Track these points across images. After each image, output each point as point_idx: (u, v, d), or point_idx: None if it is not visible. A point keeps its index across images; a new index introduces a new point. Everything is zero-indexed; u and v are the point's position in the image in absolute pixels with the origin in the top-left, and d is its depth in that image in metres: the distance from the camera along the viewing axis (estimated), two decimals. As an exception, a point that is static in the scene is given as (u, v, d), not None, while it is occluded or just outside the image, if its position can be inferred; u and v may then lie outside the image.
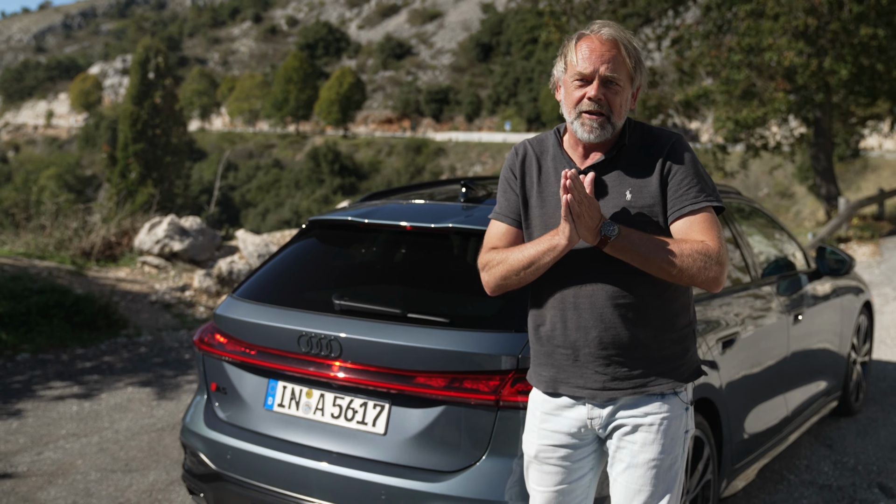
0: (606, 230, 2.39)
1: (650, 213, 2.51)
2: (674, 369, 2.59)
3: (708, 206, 2.51)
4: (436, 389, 3.12)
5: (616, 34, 2.50)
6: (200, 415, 3.76)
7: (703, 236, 2.46)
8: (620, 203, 2.52)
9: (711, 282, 2.45)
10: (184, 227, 10.54)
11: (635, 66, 2.52)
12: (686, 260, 2.41)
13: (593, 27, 2.53)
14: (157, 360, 7.82)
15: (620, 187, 2.54)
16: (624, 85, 2.51)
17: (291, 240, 4.05)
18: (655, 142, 2.57)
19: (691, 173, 2.52)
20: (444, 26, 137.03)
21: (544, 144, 2.70)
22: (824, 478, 5.01)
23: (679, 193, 2.50)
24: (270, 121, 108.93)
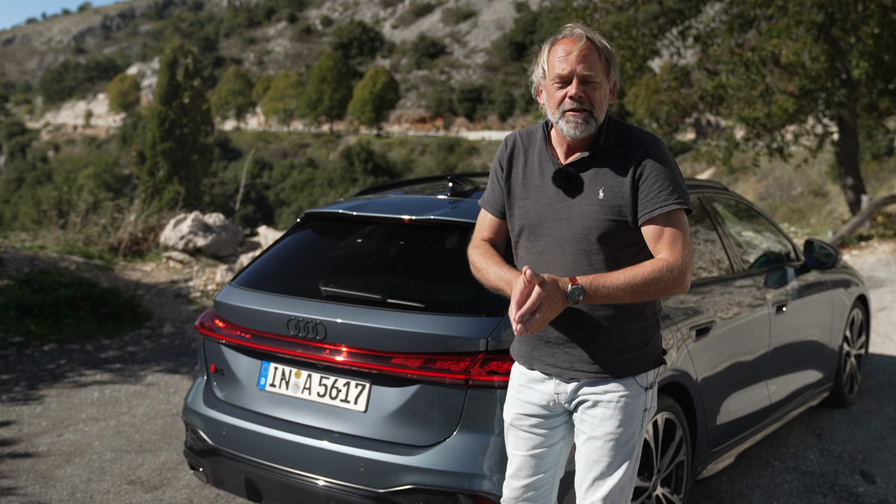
0: (572, 299, 2.50)
1: (619, 213, 2.66)
2: (634, 358, 2.79)
3: (678, 209, 2.64)
4: (411, 369, 3.34)
5: (587, 34, 2.65)
6: (200, 395, 4.02)
7: (668, 243, 2.62)
8: (593, 201, 2.68)
9: (678, 290, 2.63)
10: (207, 224, 10.85)
11: (608, 62, 2.66)
12: (651, 286, 2.56)
13: (565, 31, 2.69)
14: (178, 350, 8.12)
15: (594, 185, 2.69)
16: (601, 81, 2.65)
17: (288, 231, 4.30)
18: (630, 143, 2.69)
19: (663, 176, 2.64)
20: (478, 25, 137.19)
21: (533, 137, 2.85)
22: (808, 464, 5.17)
23: (650, 196, 2.63)
24: (305, 120, 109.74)
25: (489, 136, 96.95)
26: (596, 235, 2.67)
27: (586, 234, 2.68)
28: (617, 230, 2.67)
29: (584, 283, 2.52)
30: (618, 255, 2.69)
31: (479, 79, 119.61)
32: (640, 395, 2.80)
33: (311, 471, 3.50)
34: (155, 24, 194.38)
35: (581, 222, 2.68)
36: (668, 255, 2.61)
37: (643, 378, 2.81)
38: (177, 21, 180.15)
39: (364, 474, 3.38)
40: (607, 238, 2.67)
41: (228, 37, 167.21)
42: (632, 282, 2.55)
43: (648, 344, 2.83)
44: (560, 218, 2.72)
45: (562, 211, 2.72)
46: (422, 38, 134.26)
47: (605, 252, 2.68)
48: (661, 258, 2.61)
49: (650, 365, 2.84)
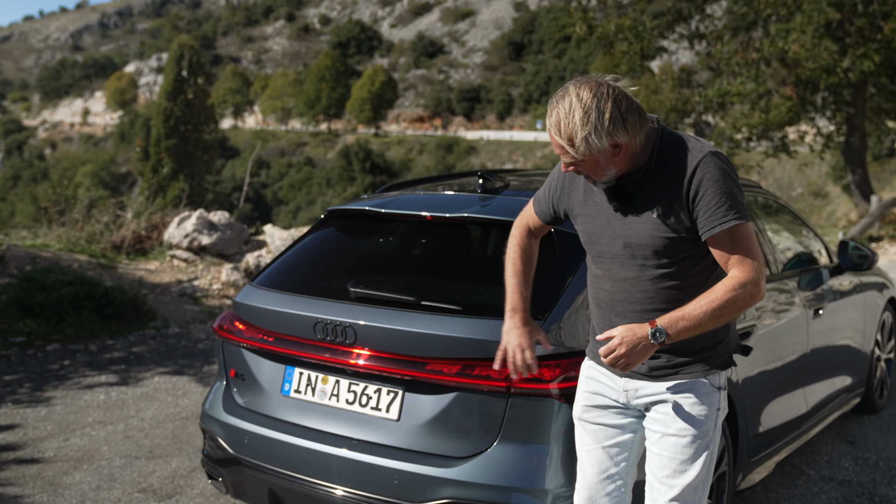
0: (657, 340, 2.54)
1: (675, 230, 2.62)
2: (706, 359, 2.76)
3: (738, 224, 2.57)
4: (448, 376, 3.16)
5: (557, 117, 2.53)
6: (219, 401, 3.83)
7: (737, 259, 2.59)
8: (649, 220, 2.64)
9: (756, 301, 2.62)
10: (212, 222, 10.66)
11: (586, 142, 2.49)
12: (730, 306, 2.56)
13: (552, 101, 2.59)
14: (184, 351, 7.92)
15: (649, 203, 2.64)
16: (584, 158, 2.55)
17: (310, 229, 4.11)
18: (684, 159, 2.60)
19: (718, 192, 2.56)
20: (477, 25, 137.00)
21: None
22: (844, 473, 4.99)
23: (708, 214, 2.57)
24: (303, 119, 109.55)
25: (487, 136, 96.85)
26: (653, 251, 2.66)
27: (644, 251, 2.68)
28: (675, 244, 2.65)
29: (663, 324, 2.56)
30: (680, 266, 2.69)
31: (478, 78, 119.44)
32: (713, 394, 2.77)
33: (340, 483, 3.32)
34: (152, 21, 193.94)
35: (638, 240, 2.67)
36: (738, 272, 2.60)
37: (715, 378, 2.78)
38: (174, 19, 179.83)
39: (398, 487, 3.19)
40: (666, 252, 2.66)
41: (226, 35, 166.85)
42: (710, 309, 2.56)
43: (719, 345, 2.79)
44: (616, 235, 2.72)
45: (619, 229, 2.71)
46: (420, 38, 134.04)
47: (667, 265, 2.68)
48: (733, 276, 2.60)
49: (721, 365, 2.80)
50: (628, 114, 2.51)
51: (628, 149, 2.57)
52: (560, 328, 3.17)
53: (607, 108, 2.48)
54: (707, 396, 2.75)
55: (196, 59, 34.06)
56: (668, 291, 2.68)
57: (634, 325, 2.56)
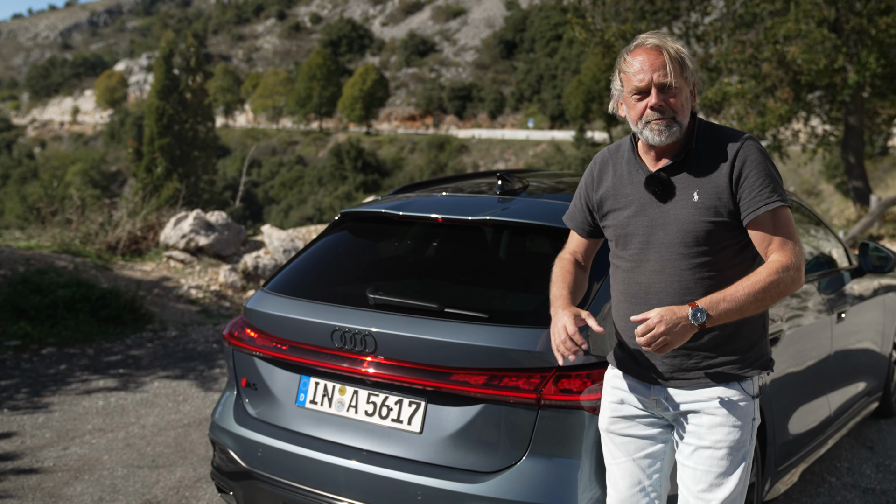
0: (697, 321, 2.45)
1: (717, 214, 2.58)
2: (742, 360, 2.66)
3: (781, 206, 2.57)
4: (474, 387, 3.01)
5: (659, 42, 2.61)
6: (230, 411, 3.68)
7: (779, 243, 2.56)
8: (688, 204, 2.60)
9: (795, 288, 2.58)
10: (209, 222, 10.49)
11: (682, 66, 2.60)
12: (772, 291, 2.51)
13: (637, 41, 2.65)
14: (183, 354, 7.76)
15: (688, 189, 2.61)
16: (680, 86, 2.59)
17: (323, 232, 3.96)
18: (725, 143, 2.61)
19: (763, 173, 2.57)
20: (468, 23, 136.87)
21: (620, 149, 2.82)
22: (867, 481, 4.87)
23: (752, 195, 2.56)
24: (294, 117, 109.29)
25: (479, 135, 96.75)
26: (693, 238, 2.59)
27: (683, 238, 2.60)
28: (716, 231, 2.59)
29: (703, 304, 2.48)
30: (718, 256, 2.61)
31: (469, 77, 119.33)
32: (748, 402, 2.67)
33: (360, 498, 3.17)
34: (142, 20, 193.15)
35: (677, 226, 2.61)
36: (780, 256, 2.56)
37: (749, 385, 2.68)
38: (164, 17, 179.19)
39: (422, 503, 3.04)
40: (706, 240, 2.59)
41: (217, 33, 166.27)
42: (752, 291, 2.50)
43: (755, 348, 2.70)
44: (655, 224, 2.65)
45: (656, 217, 2.65)
46: (411, 36, 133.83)
47: (706, 254, 2.60)
48: (774, 260, 2.55)
49: (761, 366, 2.71)
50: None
51: (694, 103, 2.65)
52: (589, 338, 3.03)
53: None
54: (743, 405, 2.65)
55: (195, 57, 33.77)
56: (707, 282, 2.59)
57: (673, 307, 2.47)
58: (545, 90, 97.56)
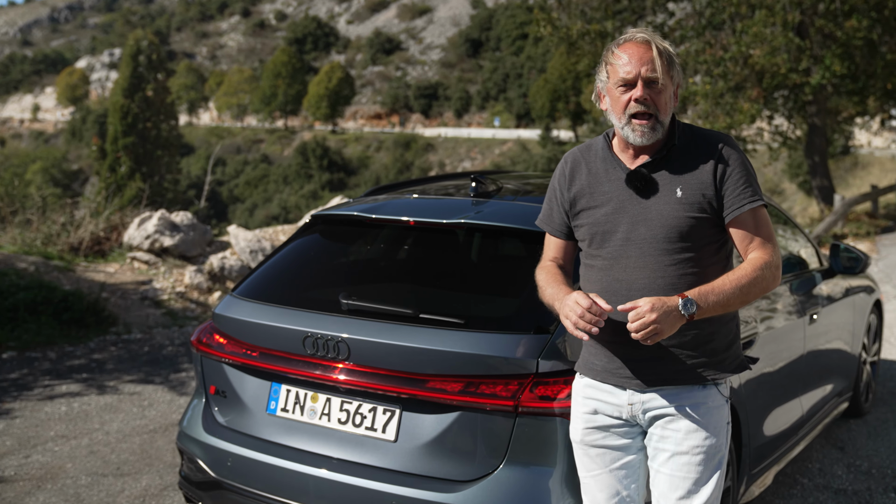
0: (687, 311, 2.46)
1: (701, 210, 2.59)
2: (719, 361, 2.65)
3: (762, 206, 2.62)
4: (450, 394, 2.96)
5: (649, 37, 2.61)
6: (199, 419, 3.59)
7: (760, 241, 2.61)
8: (672, 200, 2.60)
9: (774, 286, 2.62)
10: (174, 223, 10.33)
11: (670, 65, 2.61)
12: (756, 286, 2.55)
13: (626, 35, 2.65)
14: (148, 358, 7.62)
15: (671, 185, 2.61)
16: (665, 83, 2.60)
17: (293, 235, 3.88)
18: (706, 142, 2.64)
19: (746, 173, 2.62)
20: (434, 21, 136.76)
21: (592, 148, 2.80)
22: (839, 482, 4.87)
23: (736, 193, 2.59)
24: (259, 116, 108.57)
25: (445, 133, 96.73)
26: (677, 233, 2.59)
27: (667, 233, 2.59)
28: (698, 227, 2.60)
29: (692, 295, 2.48)
30: (700, 253, 2.62)
31: (435, 75, 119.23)
32: (723, 406, 2.67)
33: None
34: (104, 16, 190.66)
35: (660, 221, 2.60)
36: (762, 254, 2.60)
37: (724, 387, 2.69)
38: (127, 14, 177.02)
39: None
40: (689, 236, 2.60)
41: (180, 30, 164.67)
42: (739, 285, 2.52)
43: (731, 348, 2.70)
44: (636, 220, 2.63)
45: (637, 213, 2.63)
46: (377, 34, 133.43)
47: (688, 250, 2.60)
48: (756, 257, 2.59)
49: (735, 368, 2.70)
50: None
51: (675, 104, 2.66)
52: (566, 342, 2.99)
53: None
54: (718, 409, 2.64)
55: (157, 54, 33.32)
56: (689, 278, 2.58)
57: (662, 297, 2.46)
58: (511, 89, 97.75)
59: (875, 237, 16.89)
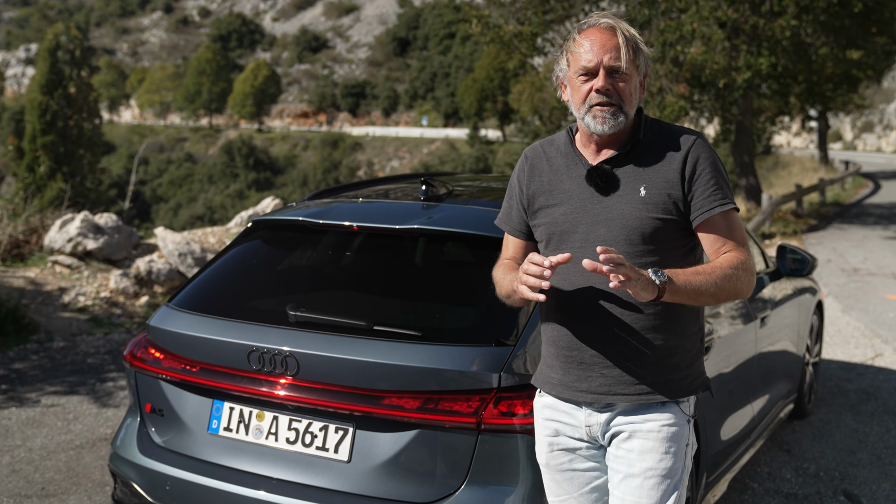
0: (658, 278, 2.23)
1: (666, 211, 2.40)
2: (680, 378, 2.47)
3: (733, 209, 2.45)
4: (408, 411, 2.78)
5: (613, 22, 2.42)
6: (133, 439, 3.35)
7: (734, 244, 2.42)
8: (634, 199, 2.41)
9: (746, 292, 2.41)
10: (98, 225, 9.92)
11: (635, 52, 2.42)
12: (730, 282, 2.35)
13: (590, 20, 2.44)
14: (72, 367, 7.27)
15: (634, 182, 2.42)
16: (630, 72, 2.41)
17: (233, 242, 3.66)
18: (675, 138, 2.45)
19: (717, 174, 2.43)
20: (361, 20, 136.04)
21: (555, 143, 2.61)
22: (788, 486, 4.84)
23: (707, 193, 2.40)
24: (182, 114, 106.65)
25: (373, 132, 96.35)
26: (639, 235, 2.40)
27: (628, 235, 2.40)
28: (663, 229, 2.41)
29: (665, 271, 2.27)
30: (665, 257, 2.42)
31: (363, 74, 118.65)
32: (683, 426, 2.46)
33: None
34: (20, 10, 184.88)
35: (621, 222, 2.41)
36: (740, 255, 2.41)
37: (686, 406, 2.50)
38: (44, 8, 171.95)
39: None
40: (652, 238, 2.40)
41: (100, 26, 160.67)
42: (714, 274, 2.32)
43: (694, 364, 2.52)
44: (596, 220, 2.43)
45: (597, 213, 2.44)
46: (303, 32, 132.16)
47: (652, 253, 2.41)
48: (734, 257, 2.39)
49: (696, 388, 2.51)
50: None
51: (642, 95, 2.49)
52: (528, 355, 2.84)
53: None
54: (676, 430, 2.44)
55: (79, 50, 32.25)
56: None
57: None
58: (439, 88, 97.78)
59: (802, 236, 17.20)
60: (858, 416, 5.99)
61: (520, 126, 77.90)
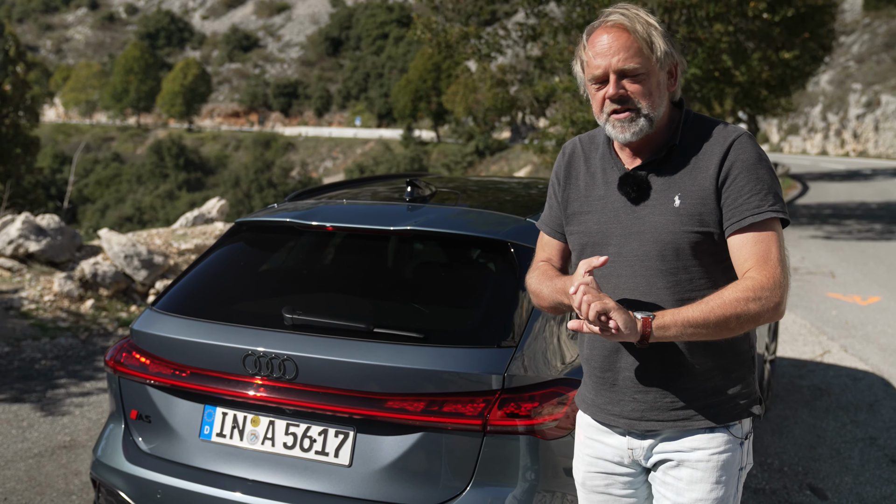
0: (640, 314, 2.07)
1: (702, 223, 2.18)
2: (723, 403, 2.27)
3: (772, 218, 2.15)
4: (412, 414, 2.76)
5: (622, 18, 2.20)
6: (117, 447, 3.25)
7: (759, 259, 2.13)
8: (668, 210, 2.21)
9: (774, 316, 2.12)
10: (40, 227, 9.65)
11: (652, 46, 2.19)
12: (738, 317, 2.06)
13: (601, 17, 2.24)
14: (19, 373, 7.05)
15: (669, 192, 2.22)
16: (647, 70, 2.19)
17: (216, 244, 3.59)
18: (714, 140, 2.23)
19: (754, 177, 2.16)
20: (293, 19, 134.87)
21: (595, 141, 2.43)
22: (755, 481, 4.93)
23: (739, 202, 2.15)
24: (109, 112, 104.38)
25: (306, 132, 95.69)
26: (673, 251, 2.19)
27: (661, 250, 2.20)
28: (700, 243, 2.18)
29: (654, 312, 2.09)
30: (702, 274, 2.21)
31: (295, 73, 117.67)
32: (735, 451, 2.28)
33: (284, 541, 2.85)
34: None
35: (654, 236, 2.20)
36: (757, 275, 2.09)
37: (738, 429, 2.29)
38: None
39: (356, 544, 2.76)
40: (688, 253, 2.19)
41: (22, 22, 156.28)
42: (712, 314, 2.05)
43: (741, 383, 2.29)
44: (629, 233, 2.25)
45: (630, 224, 2.25)
46: (234, 31, 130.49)
47: (687, 270, 2.20)
48: (747, 279, 2.09)
49: (744, 411, 2.29)
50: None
51: (674, 88, 2.26)
52: (533, 356, 2.84)
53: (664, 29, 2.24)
54: (728, 456, 2.26)
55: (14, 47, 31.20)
56: (687, 304, 2.14)
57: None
58: (372, 88, 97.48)
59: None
60: (814, 412, 6.14)
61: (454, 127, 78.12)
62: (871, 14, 66.71)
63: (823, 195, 26.33)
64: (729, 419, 2.27)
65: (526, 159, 64.26)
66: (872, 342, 8.16)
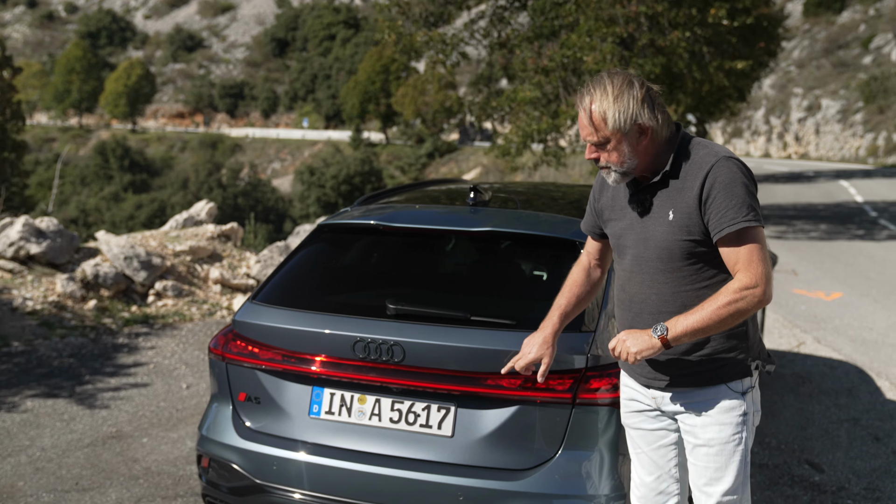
0: (656, 333, 2.69)
1: (690, 233, 2.74)
2: (721, 366, 2.82)
3: (746, 227, 2.66)
4: (510, 390, 3.19)
5: (584, 101, 2.73)
6: (228, 425, 3.62)
7: (744, 263, 2.66)
8: (664, 222, 2.78)
9: (762, 305, 2.68)
10: (40, 229, 9.84)
11: (606, 121, 2.69)
12: (732, 314, 2.64)
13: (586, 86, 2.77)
14: (42, 371, 7.30)
15: (665, 207, 2.78)
16: (609, 137, 2.72)
17: (302, 244, 3.98)
18: (699, 164, 2.73)
19: (729, 194, 2.66)
20: (238, 19, 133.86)
21: None
22: (758, 458, 5.44)
23: (718, 216, 2.67)
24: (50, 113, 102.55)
25: (253, 133, 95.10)
26: (668, 255, 2.79)
27: (660, 255, 2.80)
28: (690, 248, 2.76)
29: (665, 322, 2.72)
30: (695, 271, 2.80)
31: (241, 74, 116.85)
32: (736, 400, 2.83)
33: (396, 502, 3.26)
34: None
35: (655, 242, 2.81)
36: (743, 276, 2.66)
37: (736, 384, 2.85)
38: None
39: (464, 502, 3.18)
40: (682, 256, 2.78)
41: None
42: (711, 314, 2.65)
43: (735, 351, 2.82)
44: (639, 238, 2.86)
45: (640, 231, 2.86)
46: (178, 30, 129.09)
47: (681, 269, 2.80)
48: (737, 279, 2.67)
49: (739, 372, 2.84)
50: (656, 101, 2.73)
51: (653, 139, 2.74)
52: (606, 339, 3.29)
53: (640, 91, 2.70)
54: (729, 403, 2.82)
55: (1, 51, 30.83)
56: (683, 295, 2.78)
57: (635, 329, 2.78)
58: (320, 90, 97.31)
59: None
60: (799, 398, 6.70)
61: (403, 129, 78.42)
62: (811, 20, 68.74)
63: (771, 196, 27.24)
64: (727, 380, 2.84)
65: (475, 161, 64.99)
66: (842, 334, 8.80)
